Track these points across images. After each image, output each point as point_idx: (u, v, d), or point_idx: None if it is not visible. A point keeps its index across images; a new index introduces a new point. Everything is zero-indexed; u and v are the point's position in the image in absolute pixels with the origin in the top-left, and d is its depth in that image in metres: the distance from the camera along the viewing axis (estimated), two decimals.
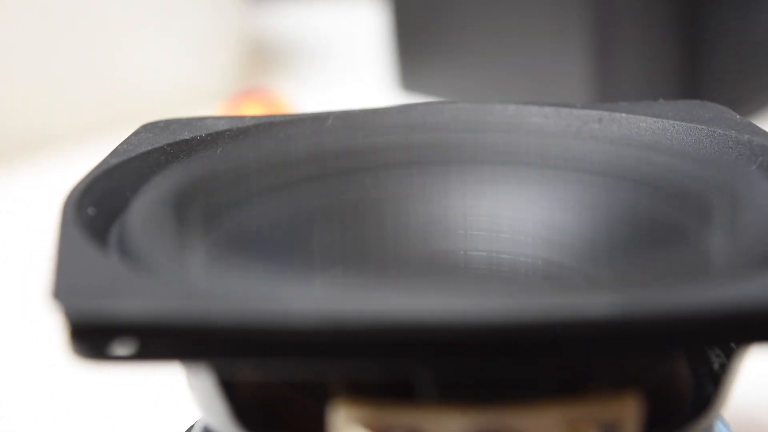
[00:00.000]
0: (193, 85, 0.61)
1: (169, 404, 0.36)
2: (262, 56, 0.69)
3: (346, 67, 0.67)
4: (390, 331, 0.20)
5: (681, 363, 0.25)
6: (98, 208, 0.27)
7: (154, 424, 0.36)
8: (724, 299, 0.21)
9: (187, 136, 0.30)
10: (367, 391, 0.23)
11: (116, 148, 0.30)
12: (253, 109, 0.49)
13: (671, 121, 0.30)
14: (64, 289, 0.22)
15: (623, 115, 0.31)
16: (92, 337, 0.21)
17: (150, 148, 0.30)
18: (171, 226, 0.26)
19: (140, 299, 0.21)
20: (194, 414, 0.28)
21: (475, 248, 0.30)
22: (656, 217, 0.28)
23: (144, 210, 0.26)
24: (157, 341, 0.21)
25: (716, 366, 0.26)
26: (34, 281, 0.42)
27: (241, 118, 0.32)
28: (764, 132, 0.29)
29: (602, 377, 0.23)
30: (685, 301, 0.21)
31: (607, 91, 0.53)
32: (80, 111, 0.57)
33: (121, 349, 0.21)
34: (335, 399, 0.23)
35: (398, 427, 0.22)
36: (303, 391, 0.24)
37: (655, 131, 0.30)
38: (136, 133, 0.31)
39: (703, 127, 0.30)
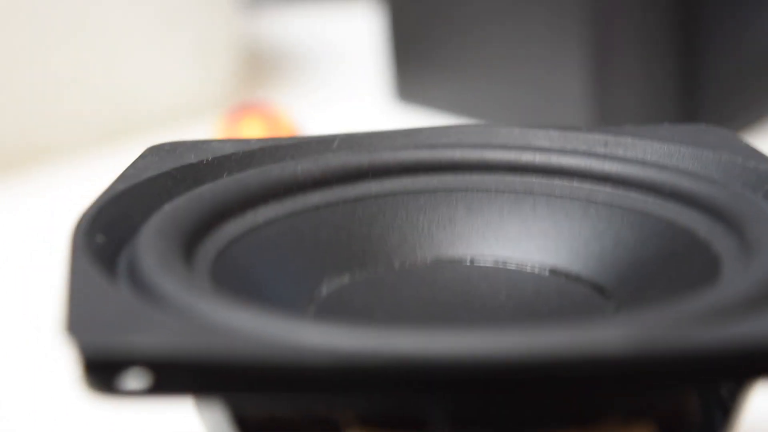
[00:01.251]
0: (191, 95, 0.61)
1: None
2: (259, 65, 0.69)
3: (343, 76, 0.67)
4: (402, 369, 0.21)
5: (692, 393, 0.26)
6: (107, 236, 0.27)
7: None
8: (734, 337, 0.21)
9: (193, 159, 0.30)
10: (379, 424, 0.23)
11: (123, 172, 0.30)
12: (252, 125, 0.49)
13: (677, 146, 0.30)
14: (77, 323, 0.22)
15: (629, 138, 0.31)
16: (106, 372, 0.21)
17: (156, 173, 0.30)
18: (180, 256, 0.26)
19: (154, 334, 0.22)
20: None
21: (480, 279, 0.30)
22: (664, 249, 0.28)
23: (153, 240, 0.26)
24: (171, 376, 0.21)
25: (725, 396, 0.26)
26: (35, 294, 0.43)
27: (247, 141, 0.32)
28: None
29: (615, 409, 0.23)
30: (697, 339, 0.21)
31: (606, 105, 0.53)
32: (76, 121, 0.57)
33: (134, 383, 0.21)
34: (347, 430, 0.23)
35: None
36: (315, 424, 0.24)
37: (662, 156, 0.30)
38: (142, 157, 0.31)
39: (709, 152, 0.30)
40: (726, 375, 0.21)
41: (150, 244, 0.26)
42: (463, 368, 0.20)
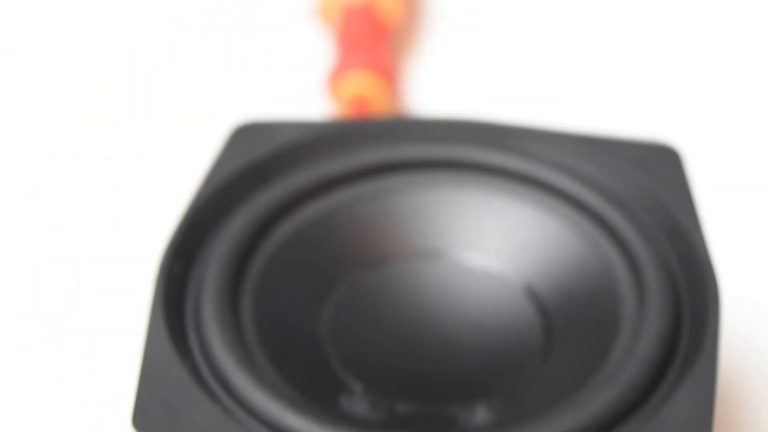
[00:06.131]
0: None
1: None
2: None
3: None
4: None
5: None
6: (183, 264, 0.31)
7: None
8: None
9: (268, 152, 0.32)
10: None
11: (212, 167, 0.33)
12: (355, 82, 0.48)
13: (618, 183, 0.33)
14: (141, 419, 0.27)
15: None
16: None
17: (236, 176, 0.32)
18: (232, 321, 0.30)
19: None
20: None
21: None
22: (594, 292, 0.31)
23: (214, 313, 0.30)
24: None
25: None
26: None
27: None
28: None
29: None
30: None
31: None
32: None
33: None
34: None
35: None
36: None
37: (602, 186, 0.34)
38: (231, 144, 0.33)
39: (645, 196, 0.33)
40: None
41: (213, 319, 0.30)
42: None
